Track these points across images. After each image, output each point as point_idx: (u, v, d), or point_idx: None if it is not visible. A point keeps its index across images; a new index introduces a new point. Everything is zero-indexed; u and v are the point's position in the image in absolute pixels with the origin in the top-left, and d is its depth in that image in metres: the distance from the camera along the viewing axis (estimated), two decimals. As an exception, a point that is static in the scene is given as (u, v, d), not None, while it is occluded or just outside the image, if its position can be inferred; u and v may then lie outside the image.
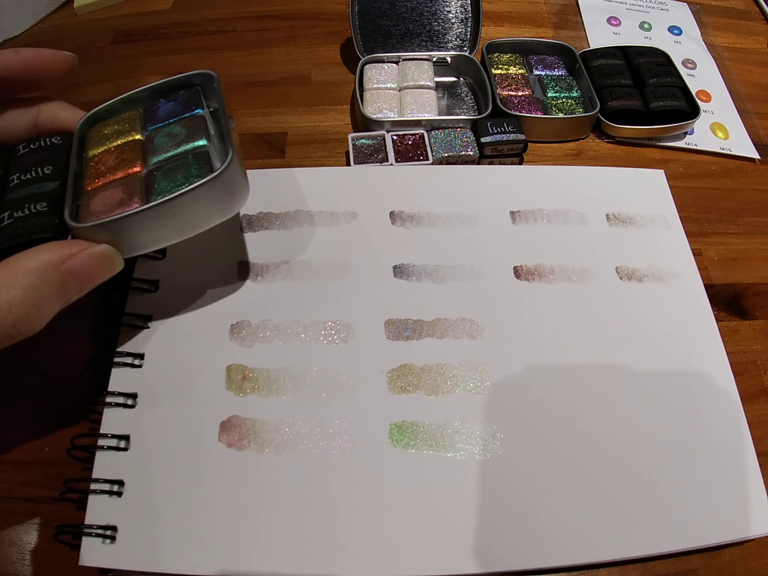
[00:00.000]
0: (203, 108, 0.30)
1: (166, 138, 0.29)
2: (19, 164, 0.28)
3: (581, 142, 0.46)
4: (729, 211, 0.42)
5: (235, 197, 0.28)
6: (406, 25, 0.48)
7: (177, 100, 0.30)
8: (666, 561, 0.29)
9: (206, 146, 0.28)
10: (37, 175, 0.28)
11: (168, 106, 0.30)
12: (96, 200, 0.27)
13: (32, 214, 0.26)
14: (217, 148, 0.29)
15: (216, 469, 0.29)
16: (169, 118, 0.29)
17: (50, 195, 0.27)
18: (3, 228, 0.26)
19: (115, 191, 0.27)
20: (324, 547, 0.27)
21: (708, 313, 0.35)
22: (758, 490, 0.29)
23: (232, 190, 0.27)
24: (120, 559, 0.26)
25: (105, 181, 0.28)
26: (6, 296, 0.22)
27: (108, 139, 0.29)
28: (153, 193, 0.26)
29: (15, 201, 0.27)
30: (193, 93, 0.30)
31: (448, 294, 0.34)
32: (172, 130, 0.29)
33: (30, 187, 0.27)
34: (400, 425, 0.30)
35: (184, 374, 0.31)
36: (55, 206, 0.27)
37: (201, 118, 0.29)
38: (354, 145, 0.41)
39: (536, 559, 0.27)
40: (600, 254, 0.37)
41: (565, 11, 0.57)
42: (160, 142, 0.28)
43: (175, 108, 0.30)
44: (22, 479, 0.30)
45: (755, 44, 0.56)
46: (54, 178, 0.28)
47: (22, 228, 0.26)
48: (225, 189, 0.27)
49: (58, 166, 0.28)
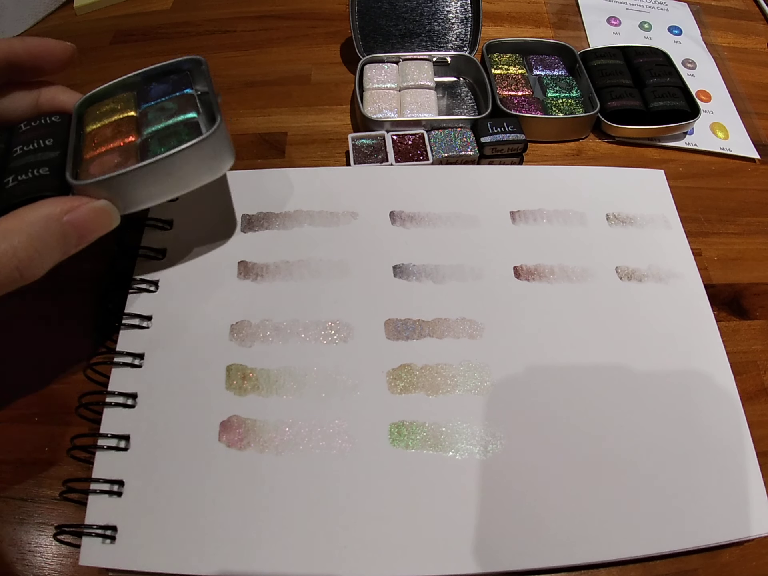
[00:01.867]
0: (192, 89, 0.33)
1: (158, 112, 0.31)
2: (22, 138, 0.31)
3: (581, 142, 0.46)
4: (729, 211, 0.42)
5: (222, 159, 0.31)
6: (406, 25, 0.48)
7: (168, 82, 0.33)
8: (666, 561, 0.29)
9: (196, 118, 0.31)
10: (39, 146, 0.30)
11: (160, 87, 0.33)
12: (95, 164, 0.29)
13: (35, 177, 0.29)
14: (205, 123, 0.31)
15: (216, 469, 0.29)
16: (160, 97, 0.32)
17: (51, 162, 0.30)
18: (8, 189, 0.28)
19: (113, 156, 0.30)
20: (324, 547, 0.27)
21: (708, 313, 0.35)
22: (758, 490, 0.29)
23: (220, 152, 0.30)
24: (120, 559, 0.26)
25: (102, 150, 0.30)
26: (11, 241, 0.24)
27: (104, 116, 0.32)
28: (148, 156, 0.29)
29: (18, 167, 0.29)
30: (182, 76, 0.33)
31: (448, 294, 0.34)
32: (164, 105, 0.32)
33: (32, 156, 0.30)
34: (400, 425, 0.30)
35: (184, 374, 0.31)
36: (56, 170, 0.29)
37: (191, 96, 0.32)
38: (354, 145, 0.41)
39: (536, 559, 0.27)
40: (600, 254, 0.37)
41: (565, 11, 0.57)
42: (153, 116, 0.31)
43: (166, 89, 0.33)
44: (22, 479, 0.30)
45: (755, 44, 0.56)
46: (55, 148, 0.30)
47: (26, 187, 0.28)
48: (213, 150, 0.30)
49: (58, 139, 0.31)
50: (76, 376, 0.30)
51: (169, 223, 0.36)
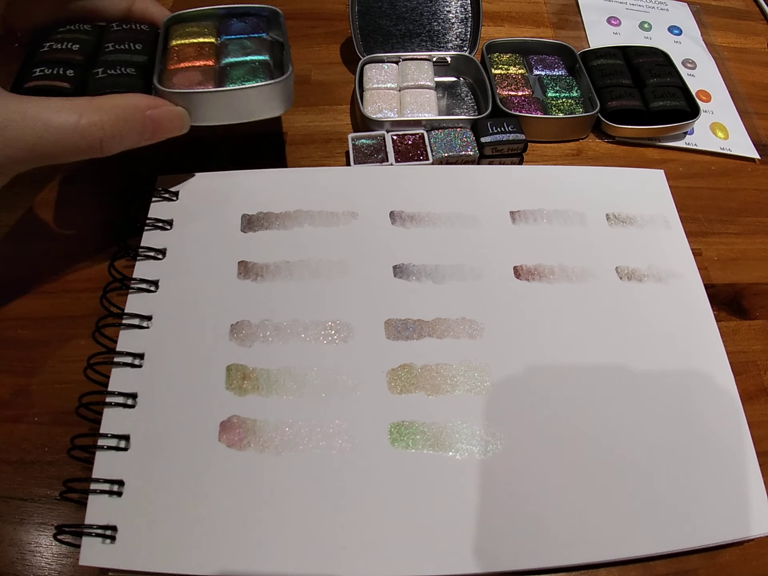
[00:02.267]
0: (267, 34, 0.38)
1: (237, 47, 0.37)
2: (113, 37, 0.36)
3: (581, 142, 0.46)
4: (729, 211, 0.42)
5: (284, 101, 0.36)
6: (406, 25, 0.48)
7: (246, 22, 0.39)
8: (666, 561, 0.29)
9: (268, 60, 0.36)
10: (129, 48, 0.35)
11: (239, 24, 0.38)
12: (178, 76, 0.35)
13: (123, 74, 0.34)
14: (272, 68, 0.36)
15: (216, 469, 0.29)
16: (239, 34, 0.38)
17: (138, 65, 0.35)
18: (98, 79, 0.33)
19: (195, 73, 0.35)
20: (324, 547, 0.27)
21: (708, 313, 0.35)
22: (758, 490, 0.29)
23: (285, 96, 0.35)
24: (120, 559, 0.26)
25: (185, 65, 0.36)
26: (101, 116, 0.29)
27: (189, 36, 0.37)
28: (227, 81, 0.34)
29: (109, 62, 0.34)
30: (259, 20, 0.39)
31: (448, 294, 0.34)
32: (242, 42, 0.37)
33: (122, 55, 0.35)
34: (399, 425, 0.30)
35: (184, 374, 0.31)
36: (142, 72, 0.34)
37: (265, 40, 0.38)
38: (354, 145, 0.41)
39: (536, 559, 0.27)
40: (600, 254, 0.37)
41: (565, 11, 0.57)
42: (232, 49, 0.37)
43: (244, 27, 0.38)
44: (22, 479, 0.30)
45: (755, 44, 0.56)
46: (142, 53, 0.35)
47: (115, 81, 0.33)
48: (281, 93, 0.35)
49: (146, 45, 0.36)
50: (76, 376, 0.30)
51: (169, 223, 0.36)
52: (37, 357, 0.33)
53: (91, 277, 0.36)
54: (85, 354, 0.30)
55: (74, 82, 0.33)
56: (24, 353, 0.33)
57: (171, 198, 0.37)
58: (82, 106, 0.28)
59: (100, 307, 0.31)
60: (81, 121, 0.28)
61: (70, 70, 0.33)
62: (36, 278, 0.36)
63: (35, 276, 0.36)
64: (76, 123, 0.28)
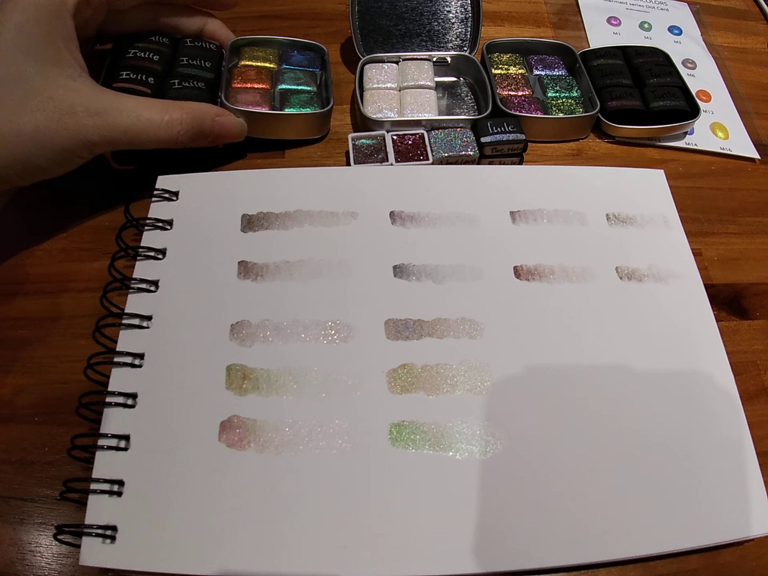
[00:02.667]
0: (319, 69, 0.46)
1: (292, 76, 0.44)
2: (186, 52, 0.43)
3: (581, 142, 0.46)
4: (729, 211, 0.42)
5: (321, 128, 0.44)
6: (406, 25, 0.48)
7: (305, 56, 0.46)
8: (666, 561, 0.29)
9: (314, 91, 0.44)
10: (200, 64, 0.42)
11: (299, 57, 0.46)
12: (241, 94, 0.42)
13: (195, 87, 0.40)
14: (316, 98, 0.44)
15: (216, 469, 0.29)
16: (296, 65, 0.46)
17: (207, 80, 0.42)
18: (174, 89, 0.40)
19: (254, 94, 0.42)
20: (324, 547, 0.27)
21: (708, 313, 0.35)
22: (758, 490, 0.29)
23: (324, 124, 0.44)
24: (120, 559, 0.26)
25: (245, 85, 0.43)
26: (182, 115, 0.35)
27: (255, 59, 0.45)
28: (286, 105, 0.42)
29: (183, 75, 0.41)
30: (316, 56, 0.47)
31: (448, 294, 0.34)
32: (296, 73, 0.45)
33: (194, 70, 0.42)
34: (400, 425, 0.30)
35: (184, 374, 0.31)
36: (210, 88, 0.42)
37: (315, 74, 0.46)
38: (354, 145, 0.41)
39: (536, 559, 0.27)
40: (600, 254, 0.37)
41: (565, 11, 0.57)
42: (287, 77, 0.44)
43: (302, 60, 0.46)
44: (22, 479, 0.30)
45: (755, 44, 0.56)
46: (210, 71, 0.42)
47: (188, 93, 0.40)
48: (320, 121, 0.43)
49: (213, 64, 0.43)
50: (76, 376, 0.30)
51: (169, 223, 0.36)
52: (37, 357, 0.33)
53: (91, 277, 0.36)
54: (85, 354, 0.30)
55: (153, 88, 0.39)
56: (24, 353, 0.33)
57: (171, 198, 0.37)
58: (167, 105, 0.35)
59: (100, 307, 0.31)
60: (165, 117, 0.35)
61: (150, 77, 0.40)
62: (36, 278, 0.36)
63: (35, 276, 0.36)
64: (161, 118, 0.35)
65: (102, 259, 0.36)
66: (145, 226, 0.36)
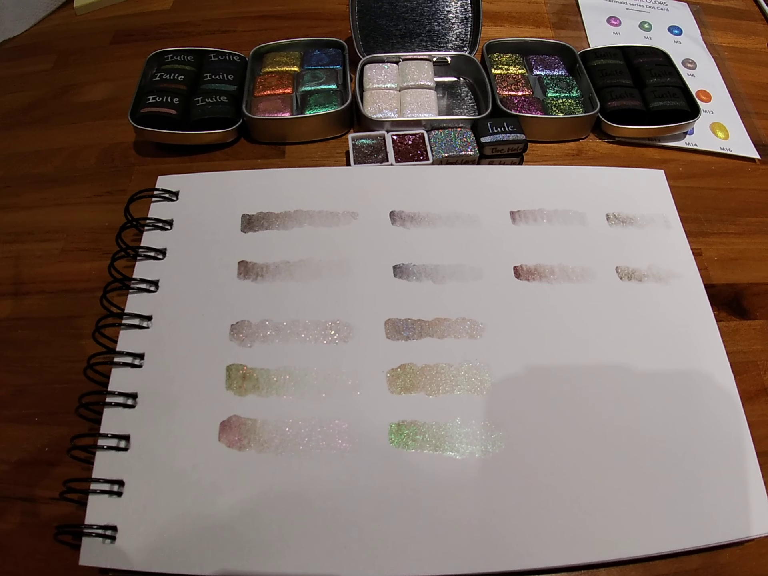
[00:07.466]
0: (340, 65, 0.47)
1: (311, 77, 0.45)
2: (210, 67, 0.46)
3: (581, 142, 0.46)
4: (729, 211, 0.42)
5: (341, 126, 0.44)
6: (406, 25, 0.48)
7: (326, 53, 0.48)
8: (666, 561, 0.29)
9: (333, 89, 0.45)
10: (223, 78, 0.45)
11: (320, 55, 0.47)
12: (263, 103, 0.44)
13: (218, 102, 0.42)
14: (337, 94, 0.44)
15: (216, 469, 0.29)
16: (317, 64, 0.47)
17: (230, 93, 0.44)
18: (198, 106, 0.42)
19: (276, 101, 0.44)
20: (324, 547, 0.27)
21: (708, 313, 0.35)
22: (758, 490, 0.29)
23: (345, 120, 0.44)
24: (120, 559, 0.26)
25: (267, 93, 0.44)
26: None
27: (278, 65, 0.47)
28: (306, 108, 0.43)
29: (207, 91, 0.44)
30: (337, 53, 0.48)
31: (448, 294, 0.34)
32: (315, 73, 0.46)
33: (217, 84, 0.44)
34: (399, 425, 0.30)
35: (184, 374, 0.31)
36: (233, 101, 0.43)
37: (336, 71, 0.46)
38: (354, 145, 0.41)
39: (536, 559, 0.27)
40: (600, 254, 0.37)
41: (565, 11, 0.57)
42: (307, 78, 0.45)
43: (323, 59, 0.47)
44: (22, 479, 0.30)
45: (755, 44, 0.56)
46: (233, 83, 0.45)
47: (211, 109, 0.42)
48: (341, 118, 0.43)
49: (236, 75, 0.45)
50: (76, 376, 0.30)
51: (169, 223, 0.36)
52: (37, 357, 0.33)
53: (91, 277, 0.36)
54: (85, 354, 0.30)
55: (179, 109, 0.42)
56: (24, 353, 0.33)
57: (171, 198, 0.37)
58: None
59: (100, 307, 0.31)
60: None
61: (176, 98, 0.42)
62: (36, 278, 0.36)
63: (35, 276, 0.36)
64: None
65: (102, 259, 0.37)
66: (145, 226, 0.36)
